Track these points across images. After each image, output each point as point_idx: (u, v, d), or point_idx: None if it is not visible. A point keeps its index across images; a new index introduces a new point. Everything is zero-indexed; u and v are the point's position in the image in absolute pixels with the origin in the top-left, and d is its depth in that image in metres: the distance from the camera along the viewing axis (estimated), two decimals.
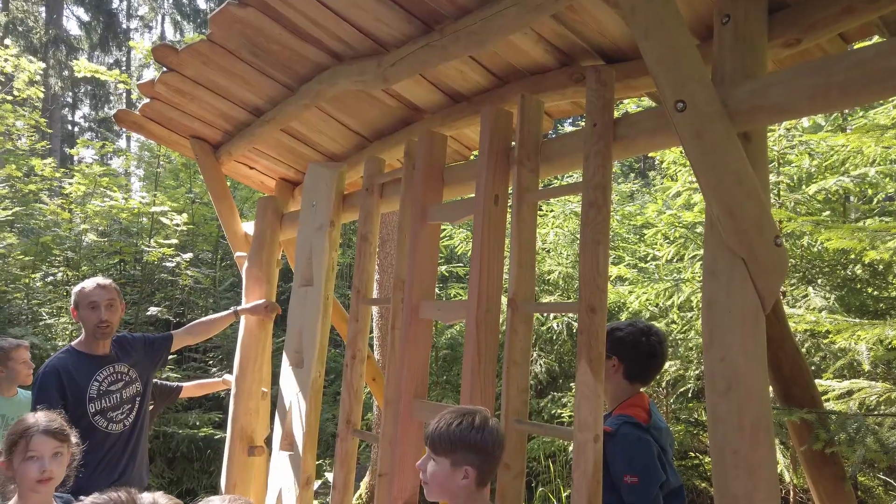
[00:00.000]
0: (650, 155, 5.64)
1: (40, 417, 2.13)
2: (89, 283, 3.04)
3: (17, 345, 3.74)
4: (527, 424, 2.20)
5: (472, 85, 2.92)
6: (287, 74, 3.15)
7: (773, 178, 4.55)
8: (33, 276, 8.11)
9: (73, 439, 2.19)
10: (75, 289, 3.07)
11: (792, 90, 1.65)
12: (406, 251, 2.77)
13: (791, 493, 4.23)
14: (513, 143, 2.45)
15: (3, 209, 8.25)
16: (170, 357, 3.64)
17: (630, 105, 6.17)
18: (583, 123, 2.19)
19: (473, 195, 2.51)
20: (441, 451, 1.74)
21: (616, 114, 2.16)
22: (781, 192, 4.56)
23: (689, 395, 5.00)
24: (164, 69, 3.33)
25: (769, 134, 4.54)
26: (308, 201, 3.47)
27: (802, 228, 3.89)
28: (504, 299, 2.37)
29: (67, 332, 7.60)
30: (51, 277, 8.36)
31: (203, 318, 3.77)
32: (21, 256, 8.21)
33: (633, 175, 12.87)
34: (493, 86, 2.90)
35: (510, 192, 2.43)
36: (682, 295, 4.63)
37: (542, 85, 2.67)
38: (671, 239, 5.21)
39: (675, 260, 5.22)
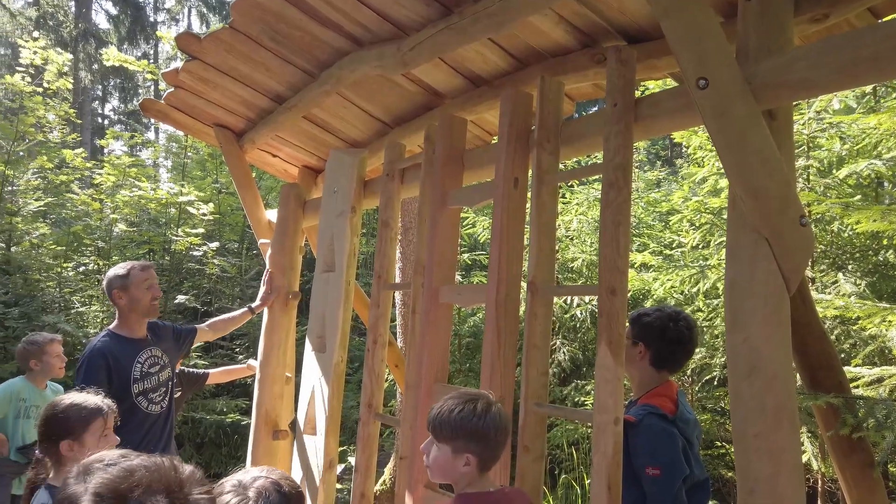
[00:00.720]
0: (676, 140, 5.54)
1: (99, 399, 2.11)
2: (136, 266, 3.10)
3: (50, 339, 3.83)
4: (546, 408, 2.19)
5: (493, 68, 2.89)
6: (308, 60, 3.16)
7: (802, 162, 4.45)
8: (65, 265, 8.29)
9: None
10: (118, 272, 3.06)
11: (818, 65, 1.61)
12: (426, 236, 2.77)
13: (819, 482, 4.16)
14: (533, 125, 2.43)
15: (36, 200, 8.43)
16: (196, 344, 3.72)
17: (655, 89, 6.08)
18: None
19: (493, 179, 2.50)
20: (442, 438, 1.72)
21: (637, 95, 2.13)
22: (811, 177, 4.46)
23: (715, 383, 4.94)
24: (188, 58, 3.37)
25: (798, 117, 4.44)
26: (329, 188, 3.49)
27: (831, 211, 3.80)
28: (524, 283, 2.36)
29: (99, 320, 7.76)
30: (82, 267, 8.54)
31: (221, 316, 3.85)
32: (53, 246, 8.39)
33: (659, 163, 12.71)
34: (513, 69, 2.87)
35: (530, 175, 2.42)
36: (708, 282, 4.56)
37: (563, 67, 2.64)
38: (697, 225, 5.13)
39: (700, 246, 5.15)
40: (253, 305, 3.75)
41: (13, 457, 3.59)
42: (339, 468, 4.81)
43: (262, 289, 3.77)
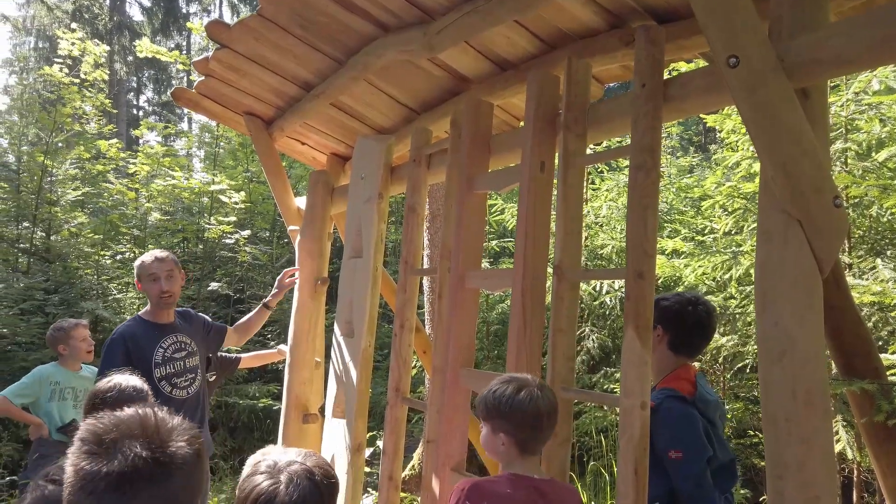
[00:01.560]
0: (709, 125, 5.43)
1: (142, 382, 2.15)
2: (148, 257, 3.20)
3: (75, 324, 3.94)
4: (573, 392, 2.18)
5: (520, 51, 2.87)
6: (335, 47, 3.17)
7: (840, 144, 4.33)
8: (103, 253, 8.49)
9: None
10: (136, 263, 3.23)
11: (854, 41, 1.56)
12: (452, 221, 2.77)
13: (855, 471, 4.08)
14: (560, 109, 2.40)
15: (74, 190, 8.63)
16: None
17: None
18: None
19: (519, 163, 2.48)
20: (483, 416, 1.79)
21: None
22: (849, 160, 4.34)
23: (748, 370, 4.86)
24: (218, 46, 3.40)
25: (836, 98, 4.32)
26: (357, 174, 3.51)
27: (869, 195, 3.70)
28: (550, 268, 2.35)
29: (135, 307, 7.94)
30: (119, 255, 8.74)
31: (241, 320, 3.91)
32: (91, 234, 8.60)
33: (692, 149, 12.49)
34: (540, 52, 2.84)
35: (557, 159, 2.39)
36: (741, 268, 4.48)
37: (591, 49, 2.60)
38: (729, 210, 5.04)
39: (733, 232, 5.05)
40: (266, 300, 3.83)
41: (55, 437, 3.71)
42: (368, 452, 4.87)
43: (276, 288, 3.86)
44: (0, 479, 5.54)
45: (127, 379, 2.06)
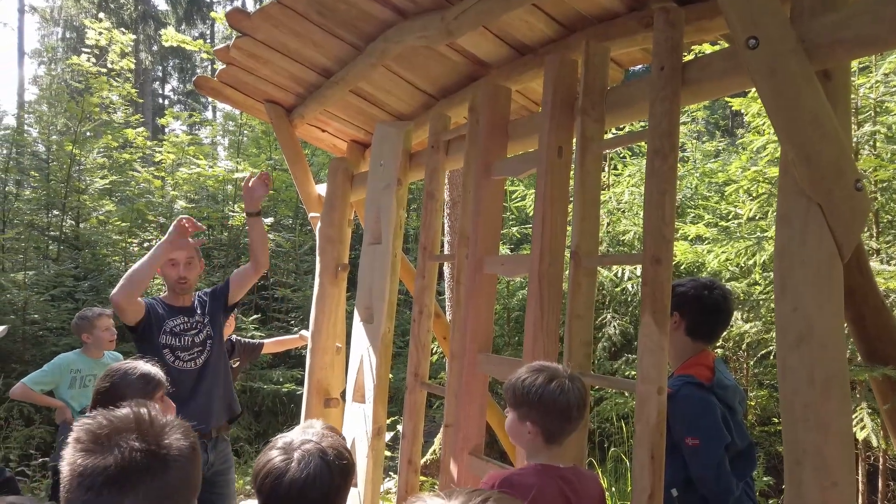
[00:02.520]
0: (735, 108, 5.33)
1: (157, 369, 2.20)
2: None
3: (99, 314, 4.02)
4: (589, 377, 2.18)
5: (538, 35, 2.84)
6: (354, 33, 3.17)
7: (869, 127, 4.24)
8: (130, 240, 8.64)
9: None
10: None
11: (877, 20, 1.52)
12: (470, 207, 2.77)
13: (881, 459, 4.03)
14: (578, 93, 2.38)
15: (102, 178, 8.78)
16: (254, 317, 3.79)
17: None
18: None
19: (537, 148, 2.47)
20: (510, 403, 1.78)
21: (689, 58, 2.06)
22: (878, 143, 4.24)
23: (772, 357, 4.81)
24: (239, 34, 3.43)
25: (865, 80, 4.22)
26: (376, 161, 3.52)
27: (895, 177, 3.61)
28: (568, 253, 2.34)
29: (162, 293, 8.08)
30: (146, 243, 8.89)
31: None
32: (119, 222, 8.76)
33: (718, 133, 12.29)
34: (559, 36, 2.81)
35: (575, 144, 2.38)
36: (765, 254, 4.42)
37: (611, 32, 2.57)
38: (754, 195, 4.96)
39: (757, 217, 4.98)
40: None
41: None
42: (389, 436, 4.92)
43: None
44: (34, 461, 5.70)
45: (147, 366, 2.10)
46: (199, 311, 3.27)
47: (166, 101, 24.04)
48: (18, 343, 6.88)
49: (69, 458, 0.97)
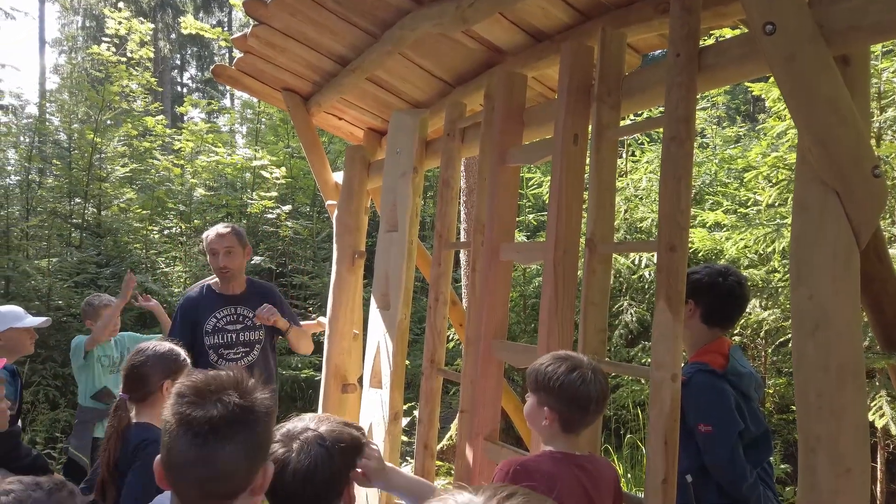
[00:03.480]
0: (756, 93, 5.26)
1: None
2: (211, 232, 3.28)
3: (105, 303, 4.05)
4: (604, 364, 2.19)
5: (555, 22, 2.83)
6: (370, 21, 3.18)
7: (891, 112, 4.17)
8: (151, 228, 8.76)
9: None
10: (203, 235, 3.35)
11: None
12: (485, 194, 2.78)
13: None
14: (593, 80, 2.37)
15: (122, 166, 8.90)
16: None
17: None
18: None
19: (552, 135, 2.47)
20: (531, 388, 1.80)
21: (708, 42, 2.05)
22: None
23: (790, 345, 4.77)
24: (256, 23, 3.45)
25: (888, 64, 4.15)
26: (392, 149, 3.53)
27: None
28: (583, 240, 2.35)
29: (182, 280, 8.20)
30: (166, 230, 9.01)
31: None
32: (139, 210, 8.87)
33: (739, 118, 12.13)
34: (576, 22, 2.80)
35: (591, 131, 2.37)
36: (784, 241, 4.37)
37: (627, 18, 2.55)
38: (774, 182, 4.91)
39: (777, 204, 4.92)
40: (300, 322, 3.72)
41: (89, 404, 3.86)
42: (405, 421, 4.97)
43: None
44: (59, 444, 5.84)
45: (161, 344, 2.17)
46: (250, 305, 3.24)
47: (185, 89, 24.20)
48: (43, 329, 7.01)
49: (175, 409, 1.09)
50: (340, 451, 1.37)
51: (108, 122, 9.03)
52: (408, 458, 5.48)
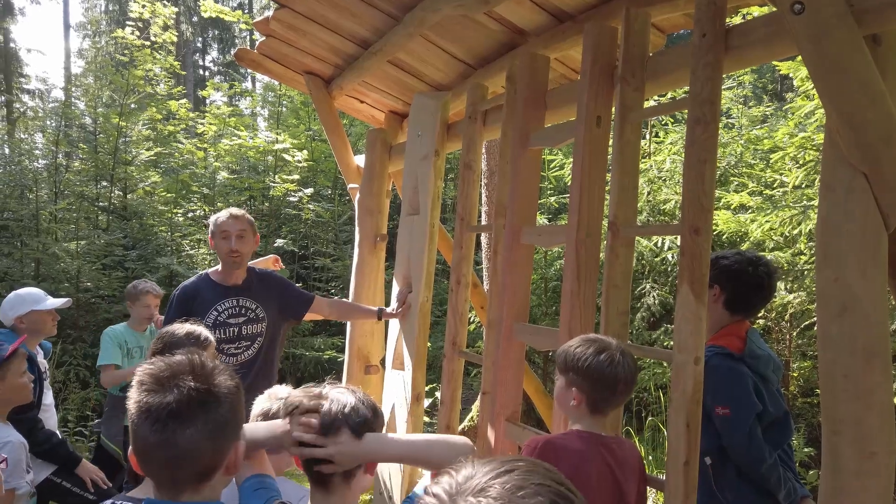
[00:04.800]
0: (783, 72, 5.16)
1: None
2: (223, 214, 3.08)
3: (146, 290, 3.98)
4: (626, 346, 2.19)
5: (577, 2, 2.79)
6: (391, 3, 3.17)
7: None
8: (175, 211, 8.88)
9: None
10: (211, 219, 3.12)
11: None
12: (507, 177, 2.78)
13: None
14: (617, 61, 2.35)
15: (147, 150, 9.00)
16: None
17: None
18: None
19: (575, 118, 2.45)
20: (559, 369, 1.82)
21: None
22: None
23: (816, 328, 4.72)
24: (278, 6, 3.46)
25: None
26: (414, 131, 3.54)
27: None
28: (605, 223, 2.34)
29: (206, 262, 8.31)
30: (190, 213, 9.12)
31: (348, 301, 3.77)
32: (164, 193, 8.99)
33: (766, 98, 11.90)
34: (598, 1, 2.75)
35: (614, 112, 2.36)
36: (811, 223, 4.31)
37: None
38: (801, 163, 4.82)
39: (803, 185, 4.85)
40: (387, 309, 3.48)
41: (120, 393, 3.88)
42: (427, 402, 5.02)
43: (395, 302, 3.50)
44: (90, 422, 5.99)
45: (183, 326, 2.17)
46: (252, 296, 3.08)
47: (206, 73, 24.34)
48: (73, 310, 7.18)
49: (135, 398, 1.12)
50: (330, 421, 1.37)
51: (133, 105, 9.12)
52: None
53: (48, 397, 3.39)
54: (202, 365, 1.15)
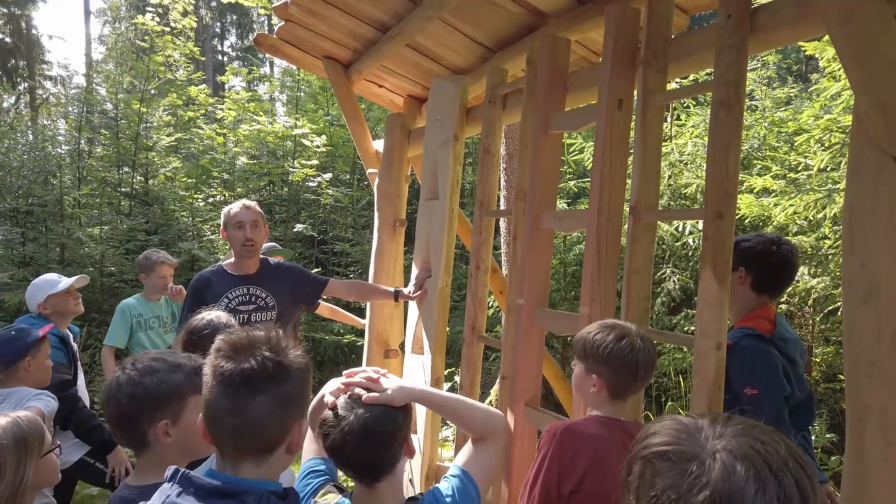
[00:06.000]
0: (809, 52, 5.06)
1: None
2: (236, 205, 3.16)
3: (161, 261, 3.98)
4: (647, 332, 2.18)
5: None
6: None
7: None
8: (196, 196, 8.96)
9: None
10: (223, 210, 3.21)
11: None
12: (527, 162, 2.76)
13: None
14: (640, 43, 2.32)
15: (168, 136, 9.07)
16: (314, 271, 3.73)
17: None
18: None
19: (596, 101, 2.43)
20: (578, 355, 1.80)
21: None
22: None
23: (839, 314, 4.67)
24: None
25: None
26: (433, 116, 3.52)
27: None
28: (626, 208, 2.32)
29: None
30: (211, 199, 9.19)
31: (365, 283, 3.76)
32: (185, 178, 9.07)
33: (790, 79, 11.68)
34: None
35: (636, 96, 2.33)
36: (836, 206, 4.24)
37: None
38: (826, 145, 4.74)
39: (829, 168, 4.76)
40: (403, 290, 3.50)
41: None
42: (446, 386, 5.04)
43: (412, 284, 3.49)
44: None
45: (218, 315, 2.20)
46: (262, 285, 3.14)
47: (225, 58, 24.40)
48: (97, 294, 7.30)
49: (212, 363, 1.16)
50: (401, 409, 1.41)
51: (153, 91, 9.18)
52: (448, 422, 5.57)
53: (80, 378, 3.45)
54: (278, 340, 1.19)
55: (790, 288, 4.59)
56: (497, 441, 1.51)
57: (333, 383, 1.48)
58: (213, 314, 2.20)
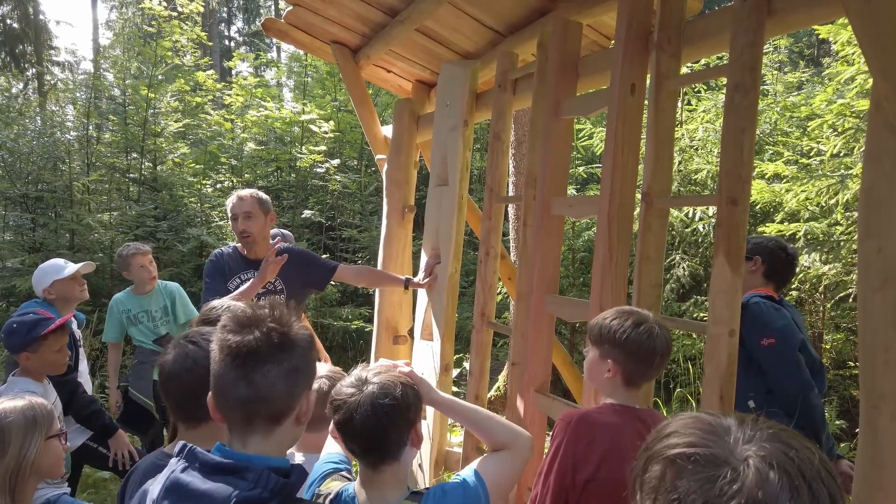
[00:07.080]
0: (822, 36, 4.99)
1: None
2: (232, 197, 3.17)
3: (133, 252, 3.91)
4: (658, 318, 2.17)
5: None
6: None
7: None
8: (204, 182, 8.96)
9: None
10: (226, 201, 3.23)
11: None
12: (538, 148, 2.74)
13: None
14: (653, 26, 2.29)
15: (175, 122, 9.06)
16: (323, 257, 3.67)
17: None
18: None
19: (608, 86, 2.40)
20: (593, 341, 1.79)
21: None
22: None
23: (851, 300, 4.64)
24: None
25: None
26: (442, 101, 3.50)
27: None
28: (638, 194, 2.30)
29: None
30: (219, 184, 9.19)
31: (375, 269, 3.78)
32: (193, 164, 9.06)
33: (802, 63, 11.54)
34: None
35: (649, 80, 2.30)
36: (849, 192, 4.20)
37: None
38: (839, 130, 4.68)
39: (841, 154, 4.71)
40: (414, 279, 3.48)
41: (152, 346, 3.92)
42: (455, 372, 5.06)
43: (422, 271, 3.49)
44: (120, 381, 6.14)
45: (235, 304, 2.20)
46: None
47: (232, 43, 24.32)
48: (108, 280, 7.34)
49: (218, 337, 1.19)
50: (412, 390, 1.42)
51: (160, 77, 9.16)
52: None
53: (83, 364, 3.47)
54: (281, 313, 1.21)
55: (801, 274, 4.58)
56: (518, 455, 1.52)
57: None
58: (227, 302, 2.21)
